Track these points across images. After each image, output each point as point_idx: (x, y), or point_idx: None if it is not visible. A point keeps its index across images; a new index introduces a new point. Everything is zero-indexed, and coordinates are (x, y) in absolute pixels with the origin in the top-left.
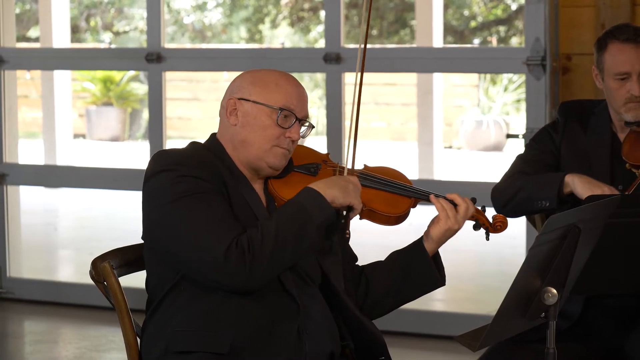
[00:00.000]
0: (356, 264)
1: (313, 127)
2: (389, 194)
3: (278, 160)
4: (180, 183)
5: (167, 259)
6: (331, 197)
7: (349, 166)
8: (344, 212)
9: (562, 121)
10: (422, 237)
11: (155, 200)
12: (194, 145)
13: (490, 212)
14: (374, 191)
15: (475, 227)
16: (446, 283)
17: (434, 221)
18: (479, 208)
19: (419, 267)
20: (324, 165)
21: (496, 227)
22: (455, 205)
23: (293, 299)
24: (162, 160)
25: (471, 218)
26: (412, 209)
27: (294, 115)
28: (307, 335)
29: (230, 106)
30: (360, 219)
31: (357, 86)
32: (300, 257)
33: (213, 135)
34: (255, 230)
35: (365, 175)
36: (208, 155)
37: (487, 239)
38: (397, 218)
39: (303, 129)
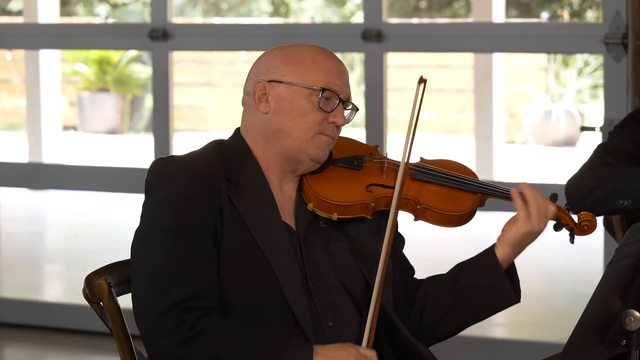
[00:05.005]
0: (413, 277)
1: (357, 109)
2: (450, 189)
3: (321, 150)
4: (162, 210)
5: None
6: None
7: (389, 159)
8: None
9: None
10: (493, 244)
11: (140, 221)
12: (208, 147)
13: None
14: (430, 186)
15: (557, 228)
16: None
17: (510, 222)
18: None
19: (489, 279)
20: (370, 157)
21: (582, 227)
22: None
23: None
24: (156, 172)
25: (552, 217)
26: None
27: (337, 96)
28: None
29: (258, 91)
30: (415, 220)
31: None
32: None
33: (237, 131)
34: (222, 322)
35: (419, 168)
36: (216, 163)
37: (572, 241)
38: (459, 217)
39: (347, 112)
